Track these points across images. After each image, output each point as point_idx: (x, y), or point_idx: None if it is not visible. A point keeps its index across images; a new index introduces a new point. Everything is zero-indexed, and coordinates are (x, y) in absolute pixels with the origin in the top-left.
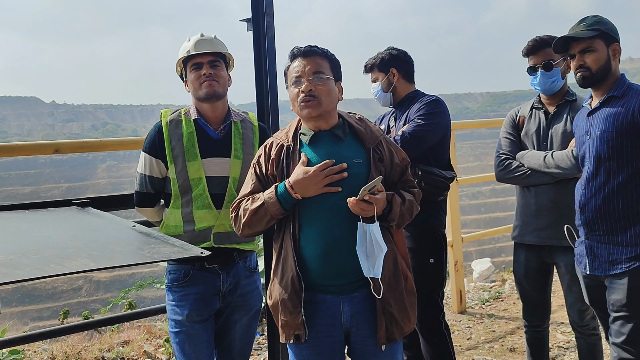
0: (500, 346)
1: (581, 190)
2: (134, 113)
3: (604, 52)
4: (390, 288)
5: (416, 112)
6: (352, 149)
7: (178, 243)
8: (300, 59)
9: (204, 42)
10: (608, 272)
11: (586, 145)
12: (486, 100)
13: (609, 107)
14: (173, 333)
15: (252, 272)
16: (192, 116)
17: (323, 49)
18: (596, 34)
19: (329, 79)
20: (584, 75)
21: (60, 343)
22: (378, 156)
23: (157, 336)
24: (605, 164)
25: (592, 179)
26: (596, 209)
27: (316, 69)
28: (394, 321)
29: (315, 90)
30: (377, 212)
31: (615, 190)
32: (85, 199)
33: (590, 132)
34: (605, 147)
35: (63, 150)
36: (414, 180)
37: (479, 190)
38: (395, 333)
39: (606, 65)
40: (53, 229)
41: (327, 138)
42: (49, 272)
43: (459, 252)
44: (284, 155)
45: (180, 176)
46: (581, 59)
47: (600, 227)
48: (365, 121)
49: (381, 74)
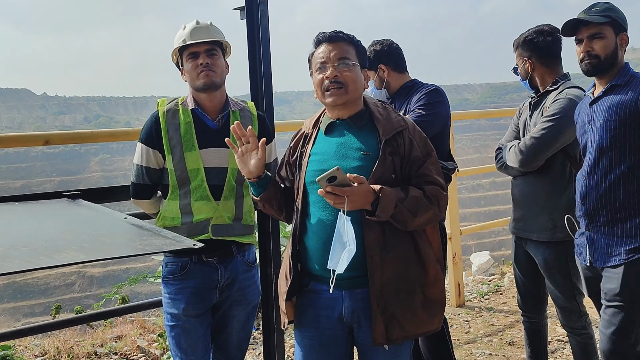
0: (499, 340)
1: (582, 181)
2: (127, 105)
3: (612, 40)
4: (394, 289)
5: (416, 102)
6: (365, 140)
7: (171, 235)
8: (325, 44)
9: (200, 30)
10: (606, 263)
11: (588, 135)
12: (486, 91)
13: (613, 95)
14: (169, 327)
15: (251, 267)
16: (190, 106)
17: (349, 35)
18: (607, 21)
19: (355, 65)
20: (592, 62)
21: (52, 338)
22: (390, 149)
23: (151, 331)
24: (608, 154)
25: (594, 169)
26: (597, 200)
27: (342, 54)
28: (395, 322)
29: (341, 76)
30: (359, 206)
31: (617, 180)
32: (76, 191)
33: (592, 121)
34: (608, 136)
35: (54, 142)
36: (432, 174)
37: (479, 182)
38: (396, 334)
39: (613, 54)
40: (43, 221)
41: (342, 128)
42: (39, 265)
43: (458, 245)
44: (300, 144)
45: (178, 167)
46: (589, 45)
47: (600, 218)
48: (389, 110)
49: (371, 72)
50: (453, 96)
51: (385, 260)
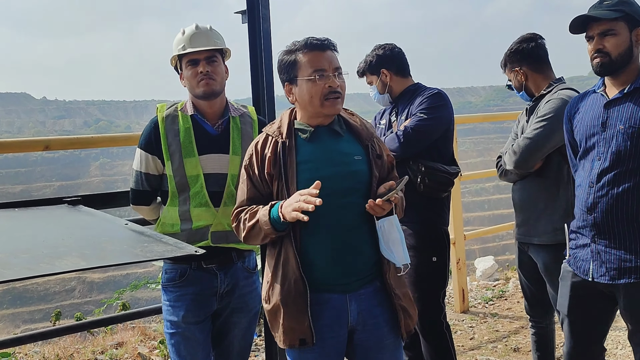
0: (504, 346)
1: (587, 188)
2: (127, 109)
3: (626, 36)
4: (396, 281)
5: (418, 106)
6: (351, 145)
7: (172, 241)
8: (318, 52)
9: (200, 36)
10: (618, 280)
11: (599, 138)
12: (489, 94)
13: (638, 99)
14: (168, 334)
15: (251, 273)
16: (189, 112)
17: (335, 44)
18: (619, 16)
19: (347, 75)
20: (602, 61)
21: (52, 345)
22: (376, 153)
23: (152, 338)
24: (626, 162)
25: (605, 176)
26: (607, 210)
27: (337, 64)
28: (406, 313)
29: (340, 87)
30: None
31: (632, 190)
32: (77, 196)
33: (608, 124)
34: (629, 143)
35: (54, 147)
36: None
37: (482, 186)
38: (410, 324)
39: (627, 52)
40: (43, 228)
41: (325, 134)
42: (39, 272)
43: (462, 249)
44: (280, 153)
45: (177, 173)
46: (600, 43)
47: (611, 230)
48: (357, 116)
49: (374, 77)
50: (456, 99)
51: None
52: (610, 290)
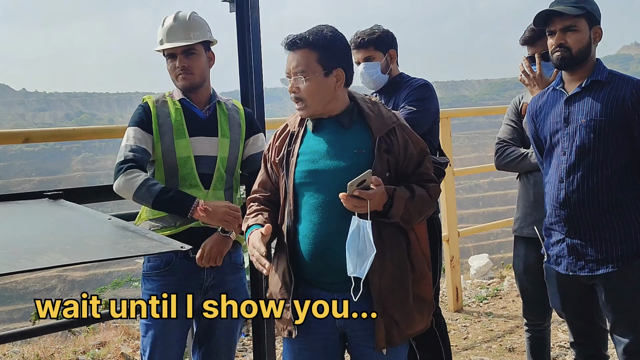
0: (499, 346)
1: (557, 184)
2: (110, 102)
3: (586, 33)
4: (391, 290)
5: (405, 98)
6: (357, 138)
7: (157, 237)
8: (288, 52)
9: (177, 29)
10: (596, 271)
11: (562, 134)
12: (484, 87)
13: (595, 92)
14: (144, 325)
15: (238, 268)
16: (177, 97)
17: (308, 39)
18: (582, 13)
19: (313, 76)
20: (563, 55)
21: (31, 345)
22: (385, 146)
23: (135, 337)
24: (590, 155)
25: (573, 171)
26: (580, 204)
27: (299, 66)
28: (394, 324)
29: (299, 91)
30: (373, 208)
31: (601, 183)
32: (58, 190)
33: (571, 119)
34: (592, 136)
35: (34, 140)
36: (430, 172)
37: (477, 183)
38: (396, 336)
39: (586, 48)
40: (23, 223)
41: (330, 126)
42: (19, 268)
43: (455, 247)
44: (286, 143)
45: (167, 154)
46: (562, 38)
47: (584, 223)
48: (379, 106)
49: (378, 53)
50: (450, 93)
51: (384, 262)
52: (592, 283)
